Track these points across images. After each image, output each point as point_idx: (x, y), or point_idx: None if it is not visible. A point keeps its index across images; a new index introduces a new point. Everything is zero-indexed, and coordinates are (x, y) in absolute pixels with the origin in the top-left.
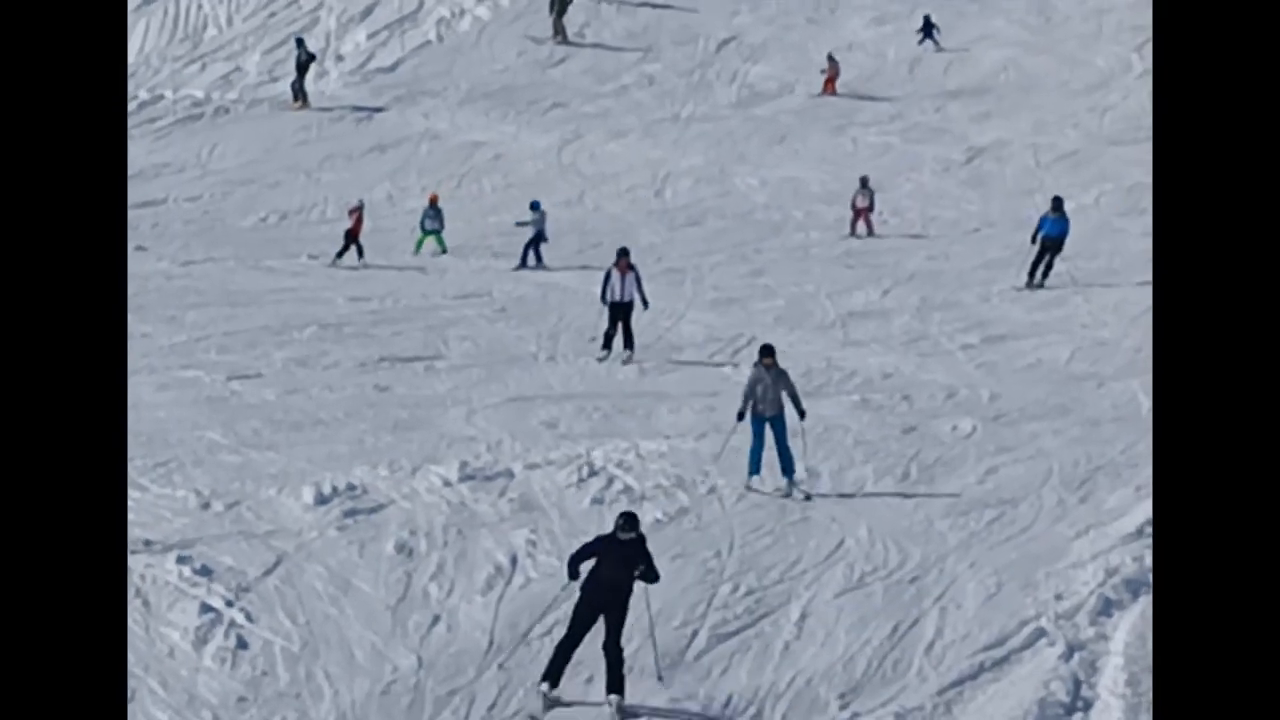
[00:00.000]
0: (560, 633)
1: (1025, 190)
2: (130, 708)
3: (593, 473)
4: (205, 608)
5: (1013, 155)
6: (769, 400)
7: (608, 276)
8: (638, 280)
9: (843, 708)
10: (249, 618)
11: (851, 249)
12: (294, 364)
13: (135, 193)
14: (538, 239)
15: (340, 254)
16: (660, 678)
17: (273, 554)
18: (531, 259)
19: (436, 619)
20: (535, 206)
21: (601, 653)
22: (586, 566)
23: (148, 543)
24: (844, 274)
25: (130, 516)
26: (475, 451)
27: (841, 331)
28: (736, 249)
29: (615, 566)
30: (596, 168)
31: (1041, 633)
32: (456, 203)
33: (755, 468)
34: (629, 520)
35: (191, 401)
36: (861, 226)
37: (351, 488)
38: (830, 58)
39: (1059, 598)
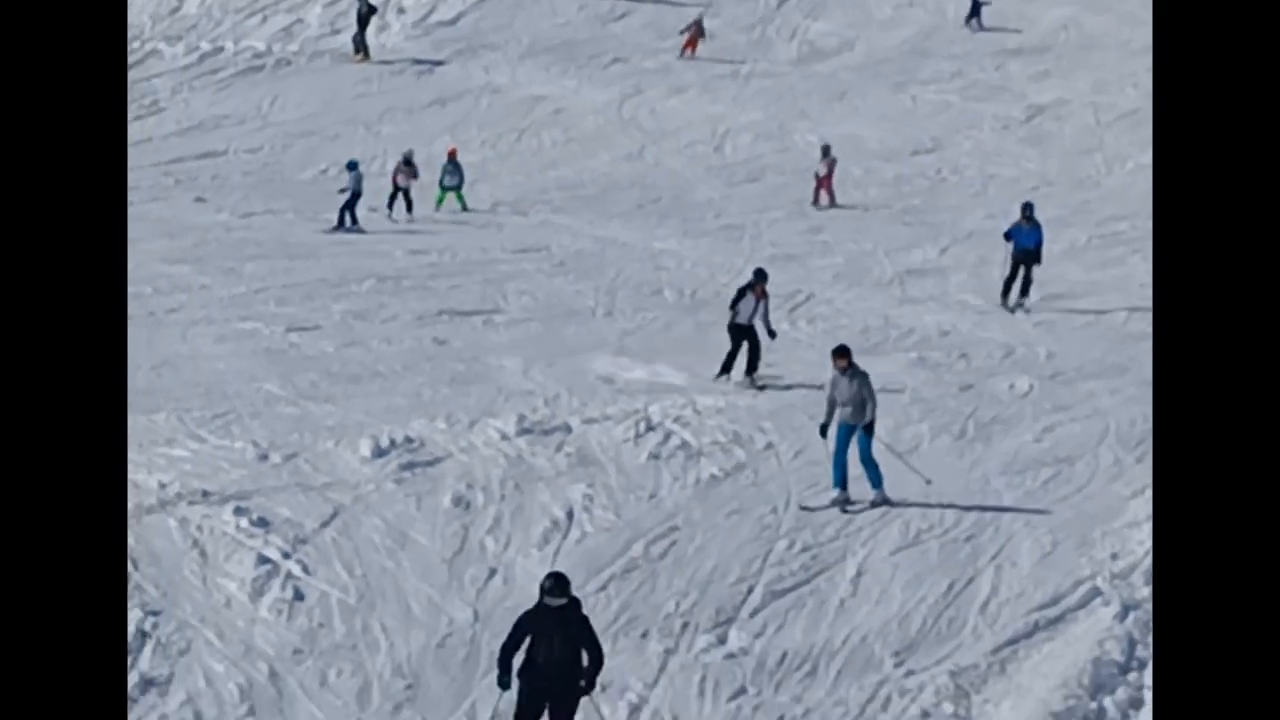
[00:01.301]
0: (617, 588)
1: (1085, 149)
2: (186, 659)
3: (650, 428)
4: (262, 559)
5: (1072, 114)
6: (851, 407)
7: (741, 295)
8: (766, 308)
9: (897, 665)
10: (306, 569)
11: (910, 207)
12: (352, 317)
13: (195, 144)
14: (354, 200)
15: (390, 206)
16: None
17: (330, 506)
18: (348, 220)
19: (493, 572)
20: (352, 166)
21: None
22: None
23: (205, 494)
24: (902, 232)
25: (188, 468)
26: (532, 405)
27: (899, 289)
28: (795, 205)
29: (551, 646)
30: (656, 123)
31: (1097, 592)
32: (517, 157)
33: (840, 479)
34: (556, 583)
35: (250, 353)
36: (824, 196)
37: (409, 440)
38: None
39: (1114, 557)
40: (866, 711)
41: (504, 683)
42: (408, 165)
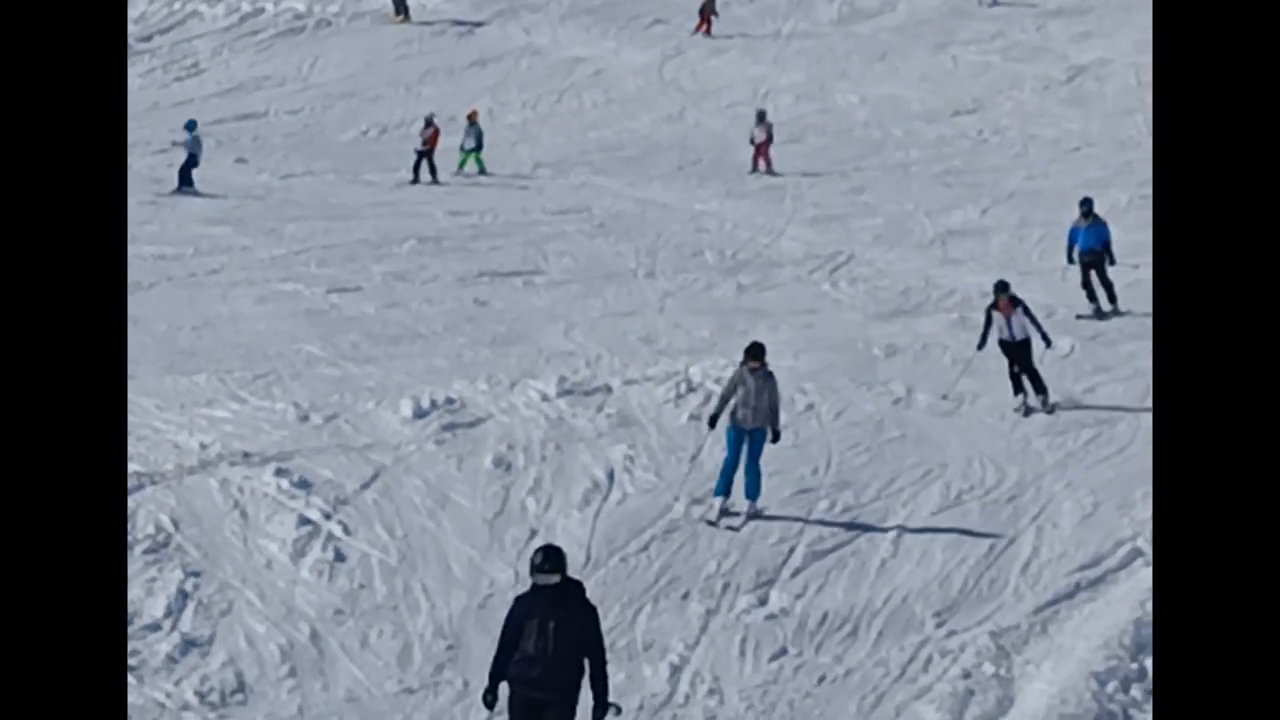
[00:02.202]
0: (658, 549)
1: (1126, 110)
2: (227, 619)
3: (690, 389)
4: (303, 520)
5: (1114, 74)
6: (751, 409)
7: (988, 319)
8: (1028, 314)
9: (938, 626)
10: (347, 530)
11: (951, 168)
12: (393, 278)
13: (236, 105)
14: (190, 162)
15: (415, 174)
16: None
17: (371, 467)
18: (182, 182)
19: (534, 533)
20: (190, 127)
21: None
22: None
23: (246, 455)
24: (943, 192)
25: (229, 429)
26: (573, 366)
27: (940, 250)
28: (836, 166)
29: (545, 638)
30: (697, 84)
31: (1138, 553)
32: (557, 118)
33: (724, 487)
34: (547, 557)
35: (290, 314)
36: (761, 163)
37: (450, 401)
38: None
39: None
40: (907, 672)
41: (490, 699)
42: (427, 127)
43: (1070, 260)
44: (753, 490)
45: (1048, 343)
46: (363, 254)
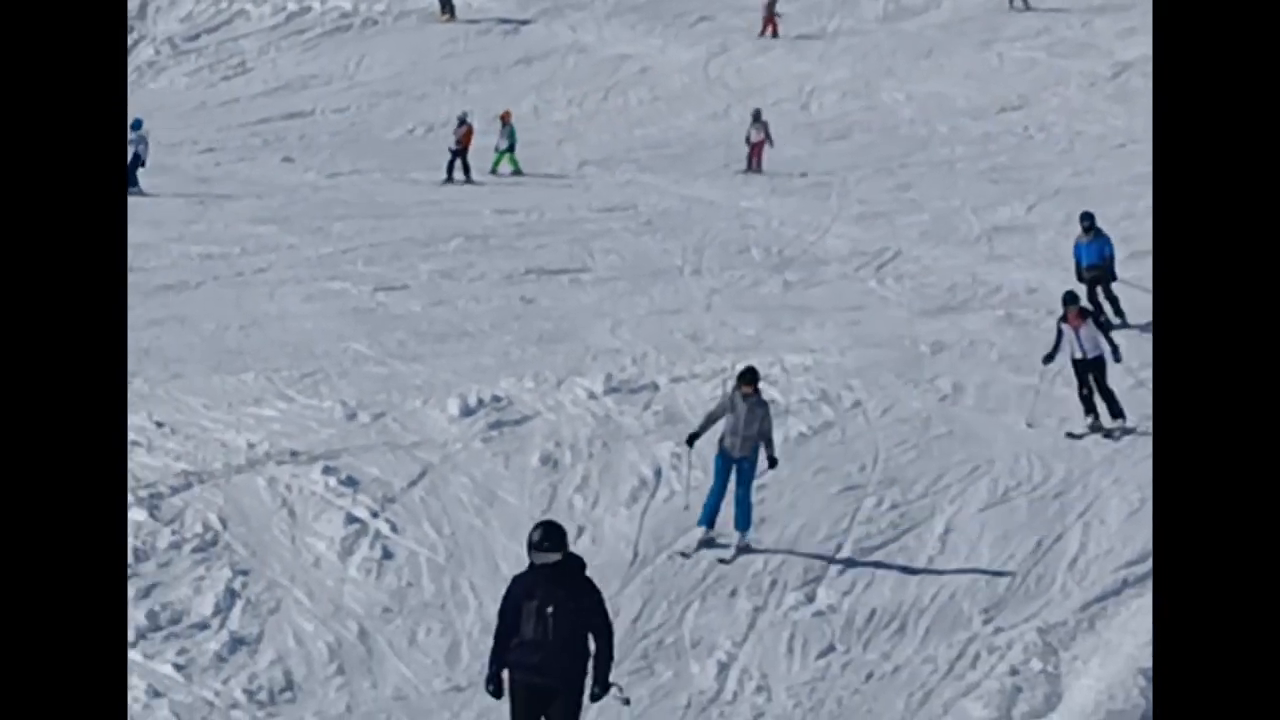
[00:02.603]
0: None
1: None
2: (275, 618)
3: None
4: (351, 518)
5: None
6: (740, 437)
7: (1059, 334)
8: (1102, 327)
9: (986, 622)
10: (394, 529)
11: (997, 165)
12: (440, 276)
13: (282, 105)
14: (135, 161)
15: (449, 173)
16: None
17: (418, 465)
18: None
19: (581, 531)
20: (136, 126)
21: None
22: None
23: (294, 453)
24: (989, 189)
25: (276, 427)
26: (620, 364)
27: (986, 246)
28: (882, 163)
29: (545, 620)
30: (743, 81)
31: None
32: (603, 116)
33: (708, 517)
34: (546, 533)
35: (338, 313)
36: (755, 162)
37: (497, 399)
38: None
39: None
40: (955, 669)
41: (492, 688)
42: (460, 126)
43: (1080, 278)
44: (743, 521)
45: (1117, 356)
46: (410, 252)
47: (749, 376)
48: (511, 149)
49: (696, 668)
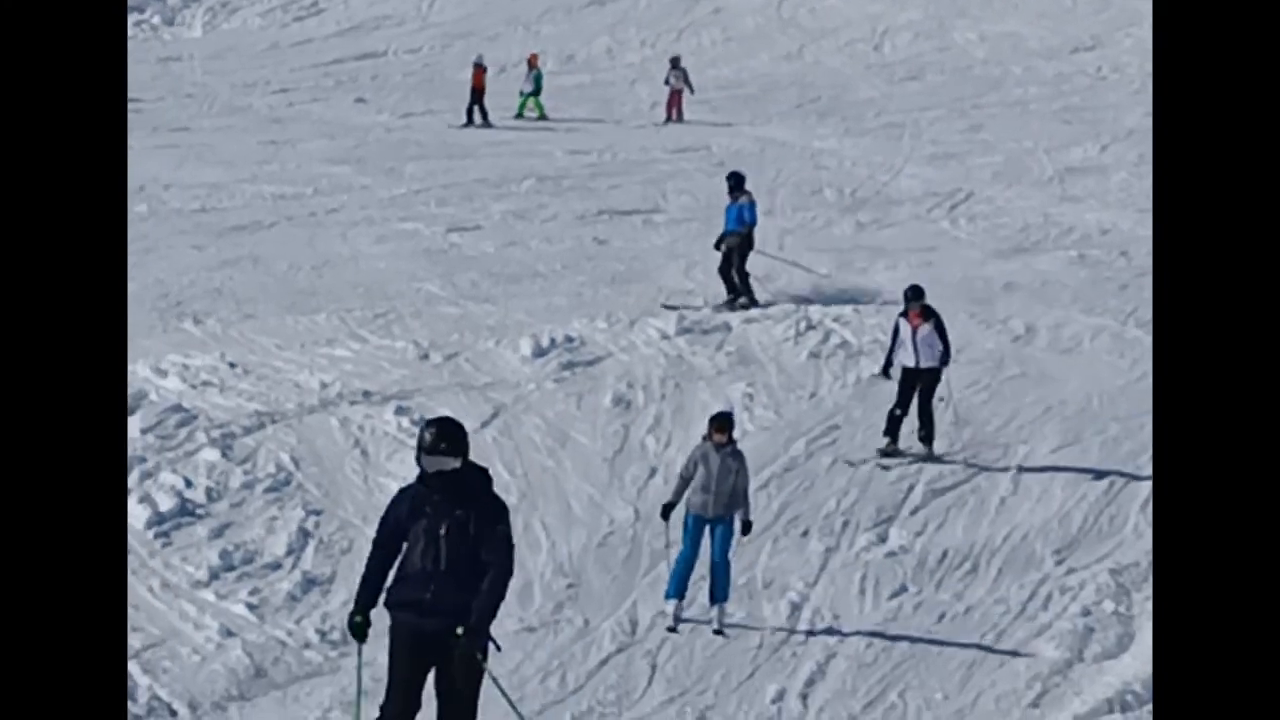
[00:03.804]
0: (777, 486)
1: None
2: (348, 558)
3: (810, 327)
4: None
5: None
6: (712, 495)
7: (895, 333)
8: (940, 332)
9: (1058, 563)
10: None
11: (1070, 105)
12: (512, 216)
13: (355, 45)
14: None
15: (469, 116)
16: None
17: (490, 405)
18: None
19: (654, 471)
20: None
21: None
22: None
23: (366, 393)
24: (1062, 129)
25: (349, 368)
26: (693, 304)
27: (1059, 187)
28: (955, 104)
29: (437, 545)
30: (816, 22)
31: None
32: None
33: (677, 587)
34: (440, 432)
35: (410, 254)
36: (674, 112)
37: (569, 340)
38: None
39: None
40: (1027, 609)
41: (358, 625)
42: (477, 69)
43: (717, 246)
44: (721, 591)
45: (945, 360)
46: (482, 193)
47: (722, 422)
48: (537, 92)
49: (769, 608)
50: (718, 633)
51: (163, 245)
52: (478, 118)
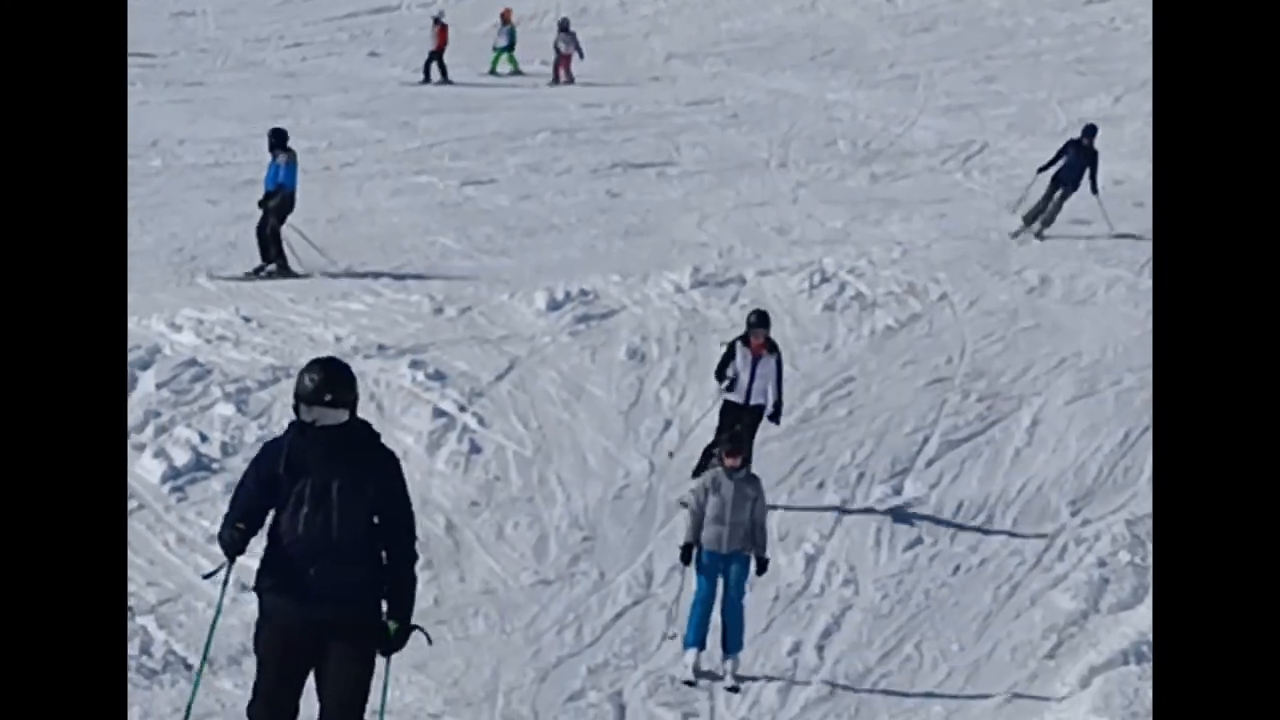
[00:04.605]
0: (793, 439)
1: None
2: None
3: (824, 279)
4: (438, 412)
5: None
6: (727, 526)
7: (729, 355)
8: (778, 368)
9: (1074, 514)
10: (482, 422)
11: (1084, 56)
12: (527, 170)
13: None
14: None
15: (425, 73)
16: None
17: (505, 359)
18: None
19: (668, 424)
20: None
21: None
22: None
23: (381, 347)
24: (1076, 80)
25: (364, 321)
26: (707, 257)
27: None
28: (968, 55)
29: (315, 507)
30: None
31: None
32: (689, 9)
33: (695, 635)
34: (328, 377)
35: (425, 207)
36: (562, 74)
37: (584, 293)
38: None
39: None
40: (1043, 561)
41: (235, 536)
42: (435, 26)
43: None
44: (734, 641)
45: (776, 416)
46: (496, 146)
47: (734, 445)
48: (511, 48)
49: (784, 560)
50: (732, 689)
51: (177, 200)
52: (435, 74)
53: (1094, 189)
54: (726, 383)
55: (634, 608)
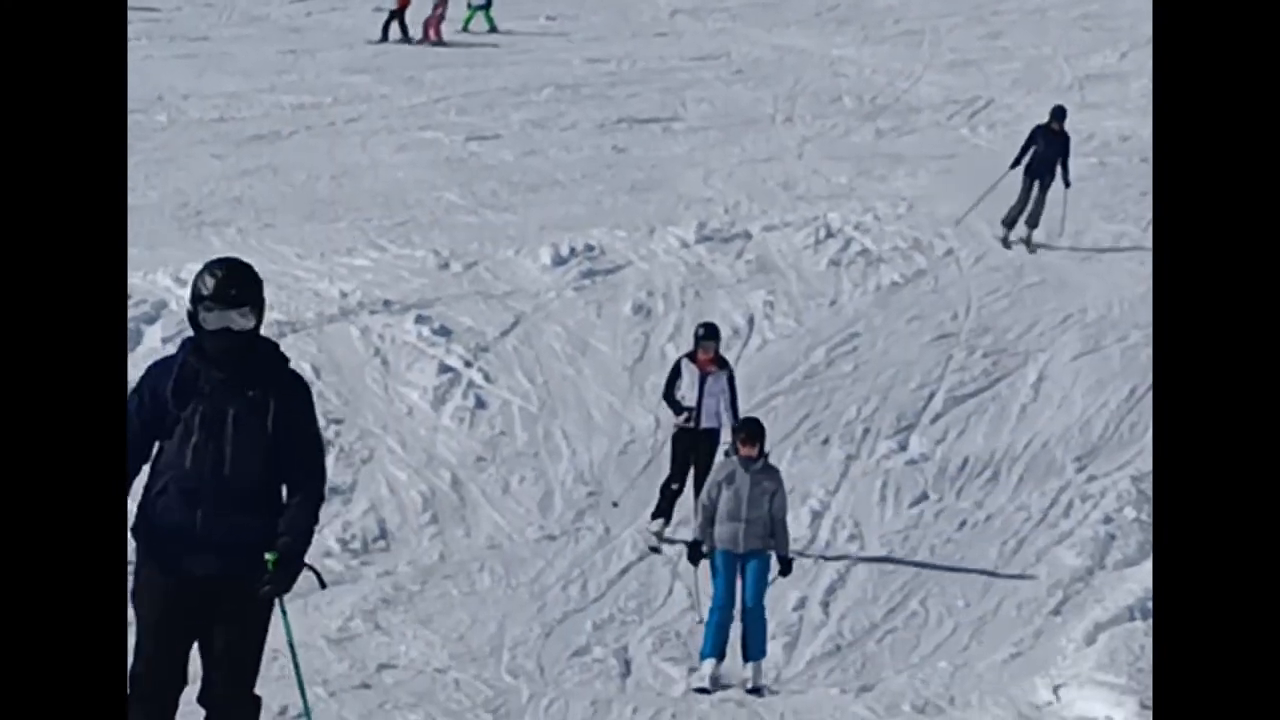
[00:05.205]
0: (798, 394)
1: None
2: (368, 467)
3: (830, 234)
4: (444, 367)
5: None
6: (744, 523)
7: (675, 373)
8: (731, 386)
9: (1079, 470)
10: (487, 378)
11: (1090, 12)
12: (531, 125)
13: None
14: None
15: (384, 32)
16: None
17: (511, 314)
18: None
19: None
20: None
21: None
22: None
23: (386, 302)
24: (1081, 36)
25: (369, 277)
26: (712, 213)
27: (1079, 94)
28: (974, 10)
29: (207, 438)
30: None
31: None
32: None
33: (714, 643)
34: (231, 276)
35: (430, 162)
36: (432, 33)
37: (589, 248)
38: None
39: None
40: (1048, 517)
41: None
42: None
43: None
44: (756, 647)
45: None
46: (502, 101)
47: (750, 432)
48: (487, 6)
49: (790, 517)
50: (752, 692)
51: (182, 155)
52: (395, 33)
53: (1066, 182)
54: (684, 415)
55: (639, 563)
